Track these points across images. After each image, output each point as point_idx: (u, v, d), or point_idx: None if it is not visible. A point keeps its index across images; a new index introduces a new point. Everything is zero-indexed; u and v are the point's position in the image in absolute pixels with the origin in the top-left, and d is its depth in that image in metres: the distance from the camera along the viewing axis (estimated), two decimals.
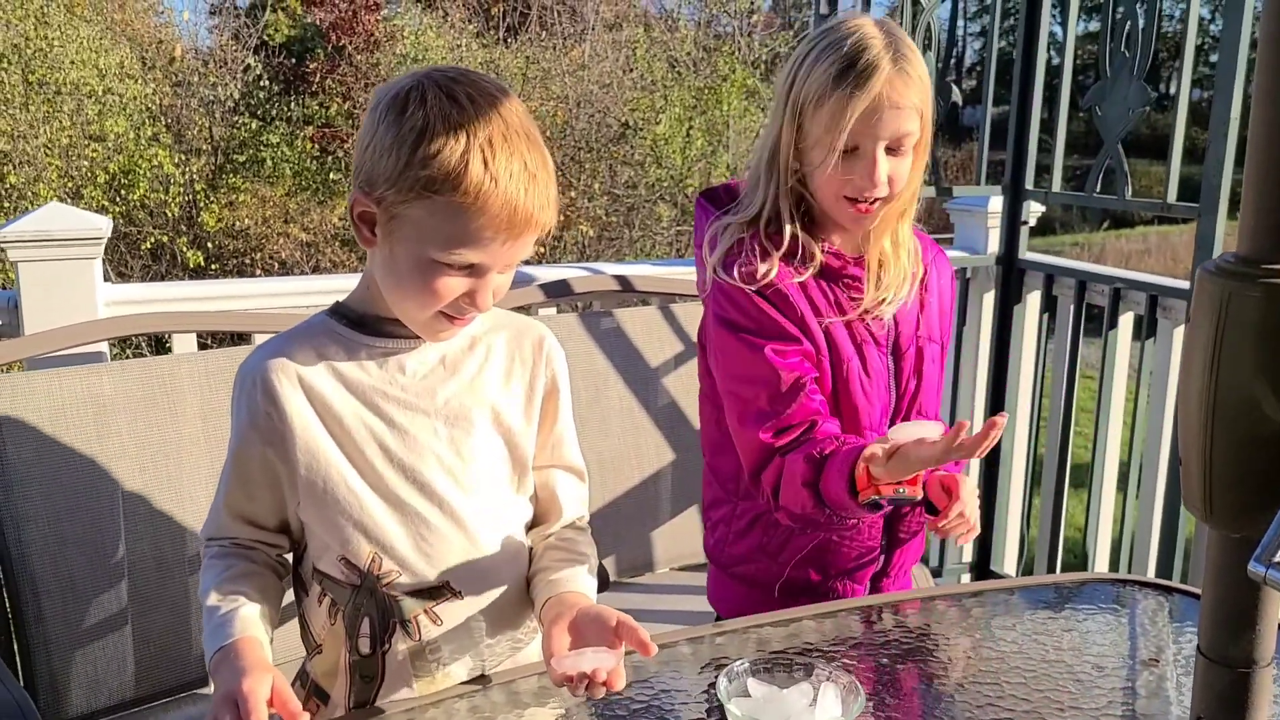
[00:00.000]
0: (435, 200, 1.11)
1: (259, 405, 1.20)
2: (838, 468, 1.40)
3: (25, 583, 1.64)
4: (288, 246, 10.52)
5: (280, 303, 2.29)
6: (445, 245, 1.13)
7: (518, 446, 1.28)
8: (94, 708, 1.70)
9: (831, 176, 1.51)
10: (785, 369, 1.51)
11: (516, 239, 1.15)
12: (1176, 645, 1.39)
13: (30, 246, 1.98)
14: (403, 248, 1.15)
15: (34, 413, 1.66)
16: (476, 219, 1.11)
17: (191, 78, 11.09)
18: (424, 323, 1.20)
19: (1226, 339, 0.67)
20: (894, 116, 1.48)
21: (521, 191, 1.12)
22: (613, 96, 10.56)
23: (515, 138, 1.13)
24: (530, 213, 1.13)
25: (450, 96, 1.12)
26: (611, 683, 1.08)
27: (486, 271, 1.16)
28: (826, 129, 1.49)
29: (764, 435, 1.51)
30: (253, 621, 1.15)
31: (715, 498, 1.71)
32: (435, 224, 1.12)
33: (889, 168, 1.50)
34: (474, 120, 1.11)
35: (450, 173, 1.10)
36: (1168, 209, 2.49)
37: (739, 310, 1.54)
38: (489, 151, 1.11)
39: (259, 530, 1.26)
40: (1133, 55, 2.49)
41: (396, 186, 1.12)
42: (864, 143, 1.49)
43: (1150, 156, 10.54)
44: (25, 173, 9.06)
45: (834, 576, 1.64)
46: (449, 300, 1.16)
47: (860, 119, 1.47)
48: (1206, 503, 0.71)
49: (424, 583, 1.22)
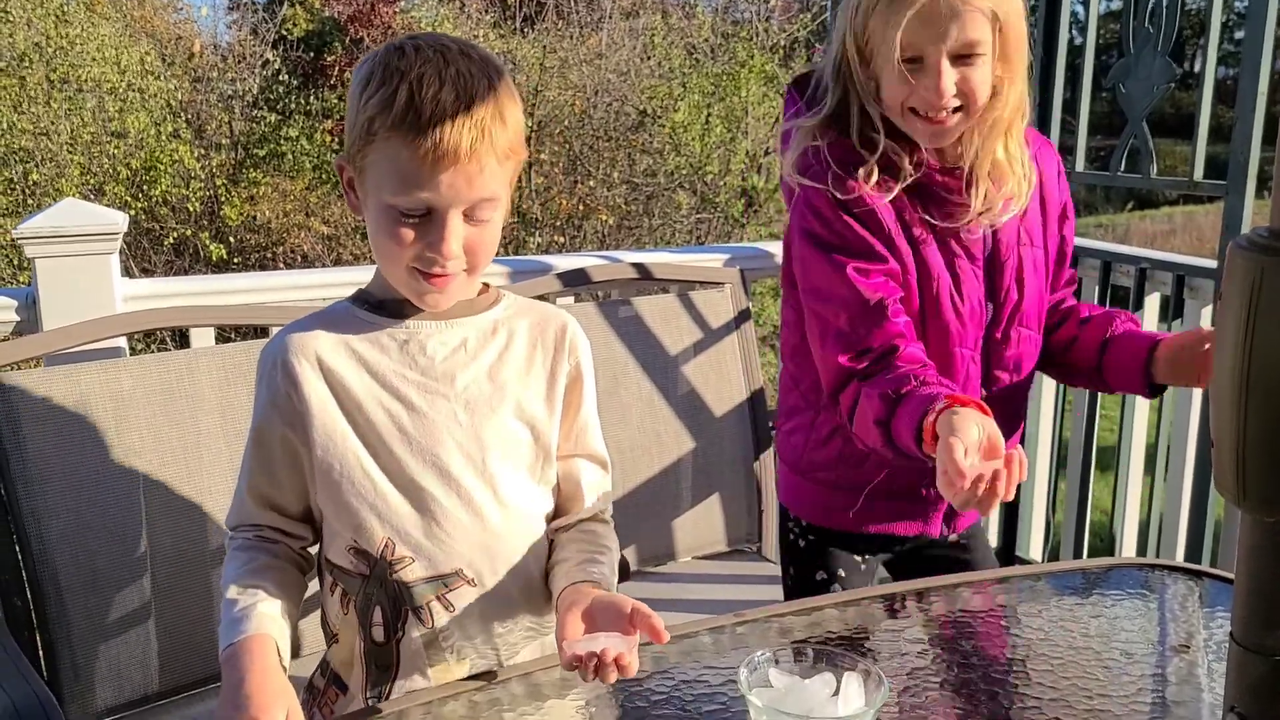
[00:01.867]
0: (376, 141, 1.12)
1: (279, 387, 1.20)
2: (909, 413, 1.36)
3: (47, 577, 1.64)
4: (309, 240, 10.56)
5: (299, 295, 2.28)
6: (393, 185, 1.13)
7: (541, 435, 1.27)
8: (118, 701, 1.71)
9: (895, 87, 1.44)
10: (867, 289, 1.46)
11: (455, 170, 1.12)
12: (1207, 631, 1.37)
13: (47, 243, 1.98)
14: (369, 201, 1.17)
15: (54, 408, 1.66)
16: (410, 152, 1.11)
17: (211, 73, 11.13)
18: (406, 284, 1.19)
19: (1260, 315, 0.64)
20: (956, 21, 1.38)
21: (448, 119, 1.11)
22: (630, 85, 10.51)
23: (452, 75, 1.12)
24: (459, 140, 1.11)
25: (398, 48, 1.15)
26: (623, 665, 1.06)
27: (444, 214, 1.14)
28: (883, 37, 1.41)
29: (843, 359, 1.47)
30: (269, 618, 1.15)
31: (794, 405, 1.69)
32: (384, 166, 1.13)
33: (956, 77, 1.42)
34: (413, 63, 1.12)
35: (382, 108, 1.11)
36: (1194, 187, 2.44)
37: (822, 223, 1.49)
38: (417, 84, 1.11)
39: (282, 517, 1.25)
40: (1156, 31, 2.45)
41: (351, 138, 1.15)
42: (926, 51, 1.41)
43: (1175, 136, 10.42)
44: (48, 169, 9.12)
45: (922, 483, 1.62)
46: (412, 249, 1.15)
47: (916, 23, 1.38)
48: (1240, 485, 0.69)
49: (437, 569, 1.21)
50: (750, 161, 10.33)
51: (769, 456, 2.41)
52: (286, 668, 1.14)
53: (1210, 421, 0.70)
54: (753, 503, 2.39)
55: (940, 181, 1.51)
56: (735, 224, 10.05)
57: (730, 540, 2.38)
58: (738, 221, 10.06)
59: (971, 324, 1.56)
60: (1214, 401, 0.69)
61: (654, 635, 1.09)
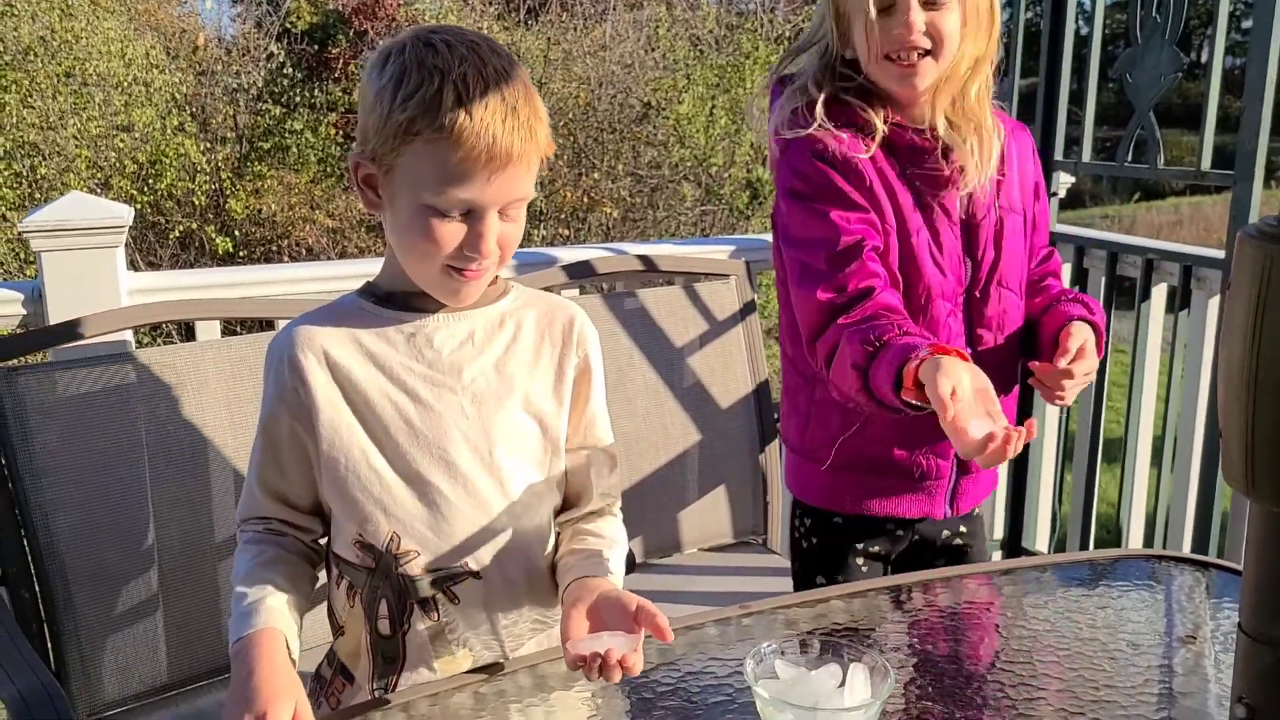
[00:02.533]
0: (416, 141, 1.11)
1: (286, 380, 1.20)
2: (889, 360, 1.39)
3: (55, 570, 1.65)
4: (314, 233, 10.57)
5: (304, 288, 2.28)
6: (434, 186, 1.12)
7: (549, 428, 1.26)
8: (126, 694, 1.71)
9: (870, 38, 1.52)
10: (846, 231, 1.51)
11: (502, 171, 1.13)
12: (1214, 622, 1.37)
13: (52, 236, 1.98)
14: (401, 200, 1.15)
15: (61, 401, 1.66)
16: (456, 152, 1.11)
17: (215, 66, 11.13)
18: (437, 282, 1.19)
19: (1269, 305, 0.64)
20: None
21: (499, 123, 1.11)
22: (635, 76, 10.49)
23: (492, 74, 1.13)
24: (511, 144, 1.12)
25: (427, 44, 1.14)
26: (627, 666, 1.07)
27: (483, 213, 1.14)
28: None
29: (821, 294, 1.51)
30: (278, 612, 1.15)
31: (793, 383, 1.72)
32: (422, 166, 1.12)
33: (926, 18, 1.50)
34: (449, 61, 1.12)
35: (426, 109, 1.10)
36: (1201, 177, 2.43)
37: (802, 179, 1.56)
38: (462, 86, 1.11)
39: (291, 510, 1.25)
40: (1164, 21, 2.44)
41: (382, 136, 1.13)
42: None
43: (1183, 126, 10.38)
44: (55, 163, 9.13)
45: (920, 451, 1.64)
46: (451, 248, 1.15)
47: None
48: (1248, 475, 0.69)
49: (443, 563, 1.21)
50: (755, 153, 10.31)
51: (774, 448, 2.41)
52: (296, 660, 1.14)
53: (1218, 412, 0.70)
54: (759, 494, 2.39)
55: (910, 139, 1.58)
56: (740, 216, 10.04)
57: (736, 532, 2.38)
58: (742, 213, 10.05)
59: (951, 278, 1.60)
60: (1222, 392, 0.69)
61: (659, 634, 1.09)
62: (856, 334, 1.45)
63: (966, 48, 1.54)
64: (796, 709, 1.07)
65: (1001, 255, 1.62)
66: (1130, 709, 1.15)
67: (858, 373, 1.44)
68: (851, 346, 1.45)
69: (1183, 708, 1.19)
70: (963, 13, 1.53)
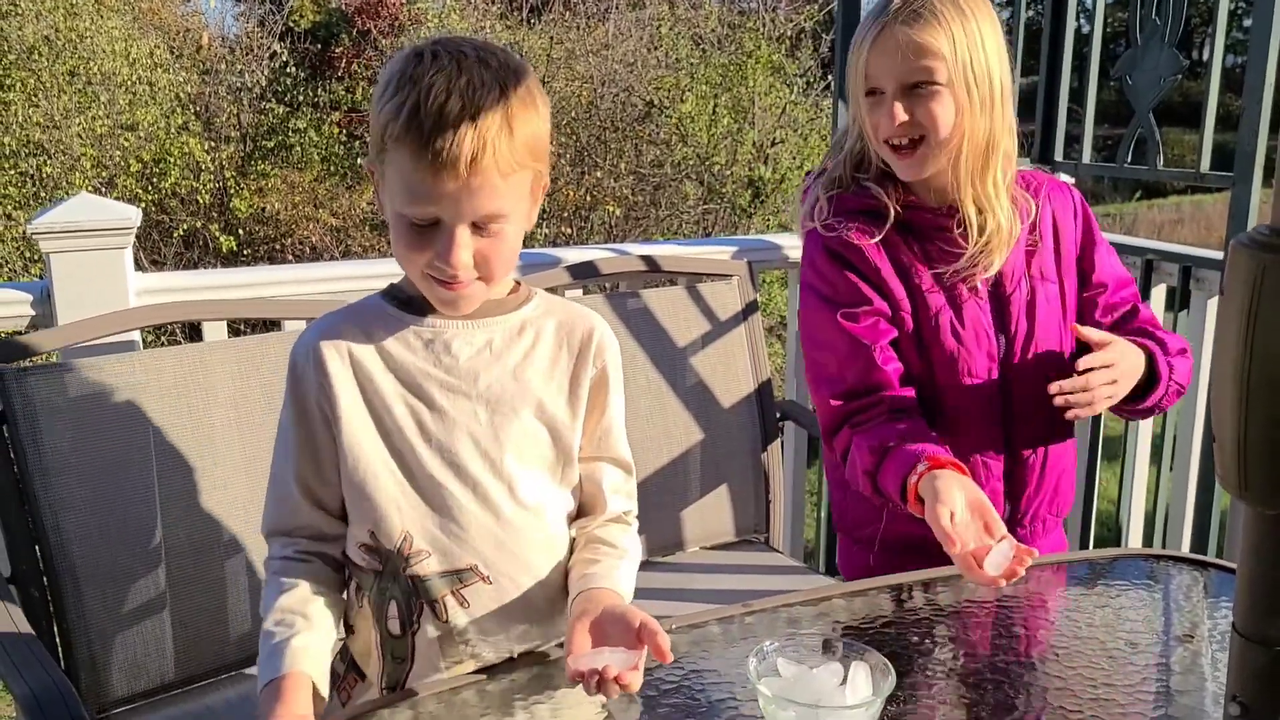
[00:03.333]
0: (389, 152, 1.12)
1: (313, 377, 1.21)
2: (894, 468, 1.43)
3: (64, 568, 1.67)
4: (317, 232, 10.58)
5: (309, 289, 2.30)
6: (403, 195, 1.13)
7: (561, 436, 1.27)
8: (134, 691, 1.73)
9: (866, 120, 1.56)
10: (855, 333, 1.55)
11: (460, 185, 1.10)
12: (1212, 621, 1.38)
13: (61, 237, 2.00)
14: (387, 206, 1.17)
15: (69, 401, 1.68)
16: (413, 163, 1.10)
17: (219, 65, 11.15)
18: (425, 288, 1.20)
19: (1261, 312, 0.65)
20: (903, 55, 1.50)
21: (450, 132, 1.08)
22: (637, 75, 10.50)
23: (465, 85, 1.10)
24: (463, 155, 1.08)
25: (418, 53, 1.13)
26: (624, 683, 1.07)
27: (451, 226, 1.13)
28: (854, 70, 1.55)
29: (834, 401, 1.55)
30: (304, 654, 1.15)
31: (833, 461, 1.72)
32: (394, 174, 1.13)
33: (906, 106, 1.52)
34: (426, 70, 1.11)
35: (394, 116, 1.10)
36: (1201, 178, 2.45)
37: (815, 273, 1.60)
38: (427, 96, 1.09)
39: (326, 516, 1.25)
40: (1164, 22, 2.45)
41: (372, 142, 1.15)
42: (883, 83, 1.52)
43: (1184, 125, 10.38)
44: (60, 162, 9.15)
45: None
46: (424, 257, 1.15)
47: (873, 56, 1.51)
48: (1241, 478, 0.70)
49: (452, 564, 1.23)
50: (757, 152, 10.31)
51: (776, 447, 2.43)
52: (325, 698, 1.16)
53: (1212, 416, 0.71)
54: (760, 493, 2.40)
55: (927, 219, 1.60)
56: (742, 214, 10.04)
57: (738, 531, 2.39)
58: (745, 212, 10.05)
59: (980, 354, 1.59)
60: (1215, 397, 0.70)
61: (659, 655, 1.10)
62: (864, 439, 1.49)
63: (967, 129, 1.53)
64: (799, 707, 1.08)
65: (1035, 327, 1.61)
66: (1128, 707, 1.16)
67: (868, 478, 1.49)
68: (860, 453, 1.50)
69: (1180, 706, 1.21)
70: (954, 97, 1.52)
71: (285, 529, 1.25)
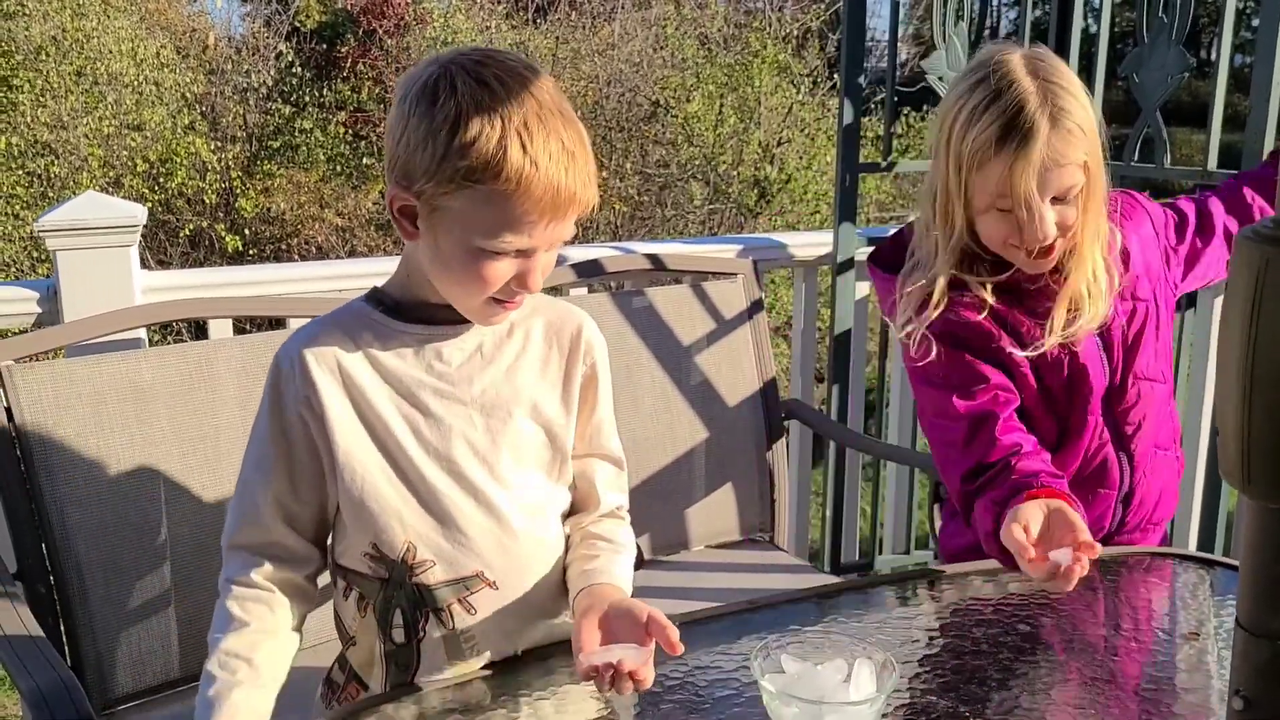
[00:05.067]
0: (476, 189, 1.10)
1: (298, 388, 1.19)
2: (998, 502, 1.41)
3: (70, 565, 1.67)
4: (323, 231, 10.59)
5: (316, 287, 2.30)
6: (491, 233, 1.12)
7: (557, 436, 1.27)
8: (139, 688, 1.74)
9: (996, 228, 1.53)
10: (973, 410, 1.53)
11: (561, 219, 1.14)
12: (1218, 619, 1.37)
13: (68, 235, 2.00)
14: (448, 239, 1.14)
15: (75, 398, 1.69)
16: (520, 204, 1.10)
17: (225, 65, 11.16)
18: (477, 309, 1.19)
19: (1264, 306, 0.65)
20: (1056, 175, 1.48)
21: (563, 172, 1.11)
22: (643, 75, 10.50)
23: (550, 117, 1.12)
24: (573, 192, 1.12)
25: (480, 81, 1.11)
26: (639, 679, 1.08)
27: (534, 254, 1.15)
28: (989, 191, 1.49)
29: (964, 485, 1.52)
30: (240, 712, 1.13)
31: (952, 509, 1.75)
32: (479, 213, 1.11)
33: (1055, 217, 1.50)
34: (506, 103, 1.10)
35: (489, 160, 1.08)
36: (1208, 177, 2.43)
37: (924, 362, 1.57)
38: (526, 135, 1.09)
39: (294, 535, 1.21)
40: (1171, 20, 2.44)
41: (435, 179, 1.10)
42: (1030, 200, 1.48)
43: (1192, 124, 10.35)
44: (68, 163, 9.18)
45: None
46: (499, 285, 1.16)
47: (1020, 177, 1.47)
48: (1244, 472, 0.70)
49: (458, 572, 1.22)
50: (763, 152, 10.30)
51: (781, 446, 2.43)
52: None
53: (1215, 409, 0.71)
54: (765, 492, 2.40)
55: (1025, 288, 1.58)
56: (748, 214, 10.03)
57: (743, 529, 2.39)
58: (751, 211, 10.04)
59: (1097, 387, 1.61)
60: (1219, 391, 0.70)
61: (669, 647, 1.10)
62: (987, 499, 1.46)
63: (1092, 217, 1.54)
64: (802, 703, 1.08)
65: (1139, 347, 1.63)
66: (1134, 704, 1.16)
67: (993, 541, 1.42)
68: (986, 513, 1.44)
69: (1185, 703, 1.20)
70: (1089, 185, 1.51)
71: (250, 544, 1.21)
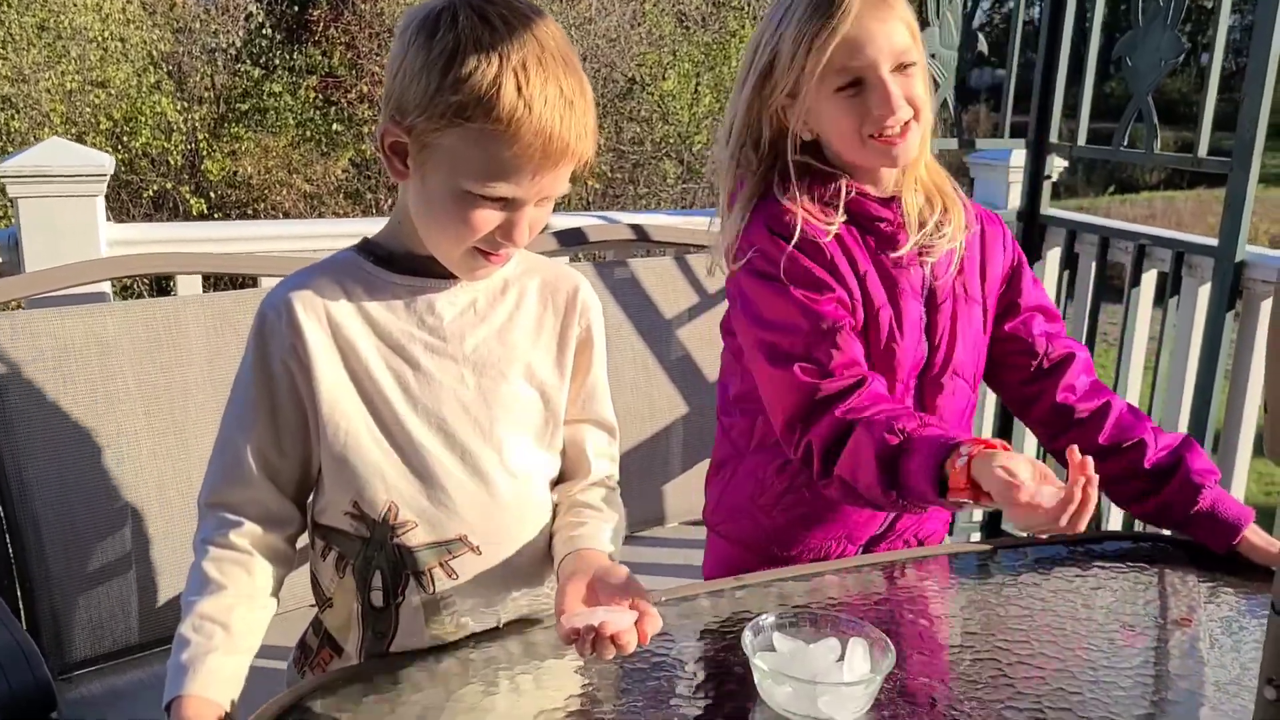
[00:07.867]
0: (467, 128, 1.05)
1: (285, 338, 1.13)
2: (925, 454, 1.27)
3: (27, 522, 1.61)
4: (290, 197, 10.45)
5: (286, 246, 2.24)
6: (479, 176, 1.07)
7: (550, 400, 1.23)
8: (97, 653, 1.68)
9: (844, 119, 1.43)
10: (821, 313, 1.42)
11: (553, 169, 1.09)
12: (1209, 605, 1.36)
13: (31, 182, 1.92)
14: (435, 179, 1.09)
15: (36, 351, 1.62)
16: (510, 147, 1.05)
17: (193, 24, 10.94)
18: (459, 259, 1.15)
19: None
20: (884, 32, 1.41)
21: (557, 119, 1.06)
22: (619, 51, 10.42)
23: (551, 62, 1.07)
24: (566, 141, 1.07)
25: (483, 17, 1.06)
26: (621, 642, 1.03)
27: (522, 205, 1.10)
28: (816, 73, 1.41)
29: (804, 376, 1.40)
30: (216, 678, 1.08)
31: (723, 457, 1.64)
32: (468, 153, 1.07)
33: (903, 88, 1.42)
34: (507, 42, 1.05)
35: (482, 97, 1.04)
36: (1198, 164, 2.42)
37: (768, 260, 1.46)
38: (523, 75, 1.04)
39: (277, 493, 1.16)
40: (1165, 5, 2.42)
41: (427, 113, 1.06)
42: (866, 72, 1.41)
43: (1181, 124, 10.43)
44: (29, 117, 8.97)
45: (832, 538, 1.57)
46: (483, 234, 1.11)
47: (847, 47, 1.40)
48: None
49: (441, 535, 1.17)
50: None
51: None
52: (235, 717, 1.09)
53: (1265, 388, 0.68)
54: None
55: (872, 209, 1.49)
56: None
57: None
58: None
59: (909, 355, 1.51)
60: (1269, 369, 0.67)
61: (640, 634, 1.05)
62: (873, 425, 1.34)
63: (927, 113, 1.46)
64: (796, 682, 1.05)
65: (956, 342, 1.54)
66: (1127, 690, 1.14)
67: (880, 464, 1.32)
68: (871, 436, 1.33)
69: (1178, 689, 1.19)
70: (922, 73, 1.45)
71: (229, 503, 1.15)
